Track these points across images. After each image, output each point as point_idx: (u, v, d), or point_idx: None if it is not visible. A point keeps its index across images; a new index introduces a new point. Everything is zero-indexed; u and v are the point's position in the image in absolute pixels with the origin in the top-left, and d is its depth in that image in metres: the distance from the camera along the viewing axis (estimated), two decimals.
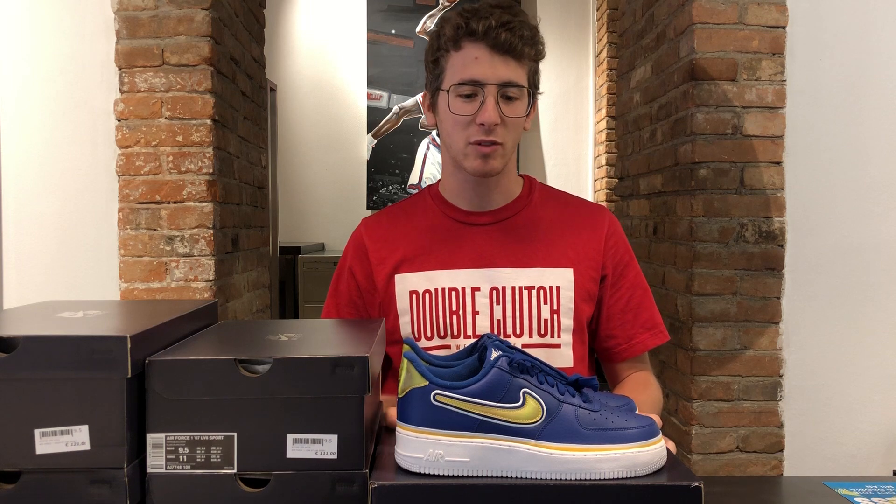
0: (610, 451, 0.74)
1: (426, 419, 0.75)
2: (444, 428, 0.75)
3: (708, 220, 2.07)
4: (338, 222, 5.51)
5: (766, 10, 2.05)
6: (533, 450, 0.74)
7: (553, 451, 0.74)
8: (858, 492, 1.04)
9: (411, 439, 0.76)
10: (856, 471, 2.09)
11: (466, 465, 0.74)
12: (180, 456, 0.78)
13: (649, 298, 1.24)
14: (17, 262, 2.22)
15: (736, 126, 2.06)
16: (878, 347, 2.11)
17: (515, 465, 0.74)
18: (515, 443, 0.74)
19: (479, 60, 1.08)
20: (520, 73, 1.09)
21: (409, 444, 0.76)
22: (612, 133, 4.68)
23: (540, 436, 0.74)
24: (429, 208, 1.22)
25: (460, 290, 1.13)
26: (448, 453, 0.74)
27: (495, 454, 0.74)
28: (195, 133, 2.14)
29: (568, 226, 1.19)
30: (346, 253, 1.25)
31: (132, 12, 2.14)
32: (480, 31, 1.08)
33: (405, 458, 0.77)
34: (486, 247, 1.15)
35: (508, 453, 0.74)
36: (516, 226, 1.17)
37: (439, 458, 0.74)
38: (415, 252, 1.17)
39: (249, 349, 0.83)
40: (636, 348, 1.21)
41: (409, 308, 1.15)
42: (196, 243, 2.15)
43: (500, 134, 1.08)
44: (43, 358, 0.76)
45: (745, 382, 2.08)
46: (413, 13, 5.46)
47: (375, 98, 5.46)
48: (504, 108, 1.08)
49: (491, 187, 1.17)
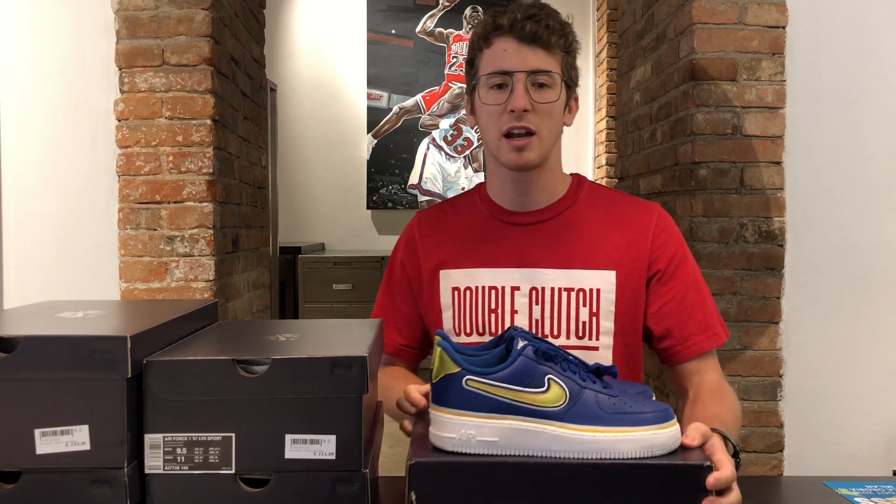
0: (628, 433, 0.78)
1: (459, 402, 0.80)
2: (475, 410, 0.79)
3: (708, 220, 2.07)
4: (338, 222, 5.51)
5: (766, 10, 2.05)
6: (557, 431, 0.79)
7: (575, 433, 0.78)
8: (858, 492, 1.04)
9: (445, 420, 0.81)
10: (856, 471, 2.09)
11: (496, 445, 0.79)
12: (178, 456, 0.78)
13: (704, 297, 1.19)
14: (17, 262, 2.22)
15: (736, 126, 2.06)
16: (878, 347, 2.11)
17: (541, 445, 0.79)
18: (541, 424, 0.79)
19: (507, 52, 1.10)
20: (550, 61, 1.10)
21: (443, 425, 0.81)
22: (612, 133, 4.68)
23: (563, 418, 0.79)
24: (475, 206, 1.24)
25: (500, 289, 1.14)
26: (479, 434, 0.79)
27: (522, 435, 0.79)
28: (195, 133, 2.14)
29: (613, 226, 1.17)
30: (399, 246, 1.27)
31: (132, 12, 2.14)
32: (507, 24, 1.10)
33: (440, 437, 0.81)
34: (527, 247, 1.16)
35: (535, 434, 0.79)
36: (559, 226, 1.17)
37: (471, 437, 0.79)
38: (459, 249, 1.19)
39: (247, 349, 0.83)
40: (692, 350, 1.16)
41: (451, 304, 1.18)
42: (196, 243, 2.15)
43: (532, 121, 1.09)
44: (43, 358, 0.76)
45: (745, 382, 2.08)
46: (413, 13, 5.45)
47: (375, 98, 5.46)
48: (534, 95, 1.09)
49: (531, 185, 1.17)
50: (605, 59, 4.77)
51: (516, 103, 1.07)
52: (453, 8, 5.45)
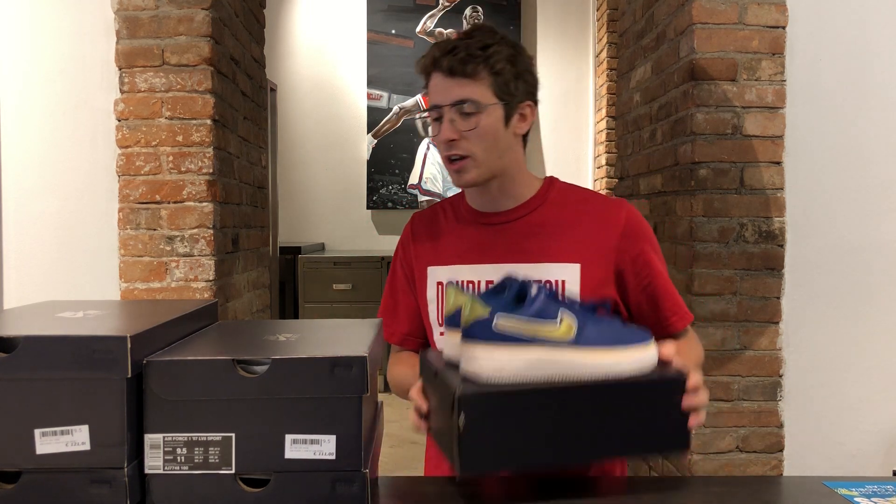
0: (626, 352, 0.96)
1: (491, 337, 0.93)
2: (505, 342, 0.93)
3: (708, 220, 2.07)
4: (338, 222, 5.51)
5: (766, 10, 2.05)
6: (569, 357, 0.94)
7: (585, 359, 0.95)
8: (858, 492, 1.04)
9: (481, 354, 0.93)
10: (856, 471, 2.09)
11: (522, 373, 0.93)
12: (178, 456, 0.78)
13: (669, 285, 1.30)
14: (17, 262, 2.22)
15: (736, 126, 2.06)
16: (878, 347, 2.11)
17: (558, 371, 0.94)
18: (557, 354, 0.94)
19: (436, 87, 1.21)
20: (474, 88, 1.18)
21: (480, 361, 0.93)
22: (612, 133, 4.68)
23: (573, 346, 0.95)
24: (458, 207, 1.34)
25: (476, 283, 1.24)
26: (510, 363, 0.93)
27: (543, 364, 0.94)
28: (195, 133, 2.14)
29: (580, 222, 1.24)
30: (398, 247, 1.39)
31: (132, 12, 2.14)
32: (432, 63, 1.21)
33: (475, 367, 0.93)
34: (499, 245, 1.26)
35: (553, 363, 0.94)
36: (527, 225, 1.25)
37: (503, 366, 0.93)
38: (444, 248, 1.30)
39: (247, 350, 0.83)
40: (669, 329, 1.27)
41: (435, 297, 1.28)
42: (196, 243, 2.15)
43: (462, 147, 1.19)
44: (43, 358, 0.76)
45: (745, 382, 2.08)
46: (413, 13, 5.46)
47: (375, 98, 5.46)
48: (461, 124, 1.19)
49: (493, 193, 1.27)
50: (605, 59, 4.77)
51: (443, 136, 1.20)
52: (453, 8, 5.45)
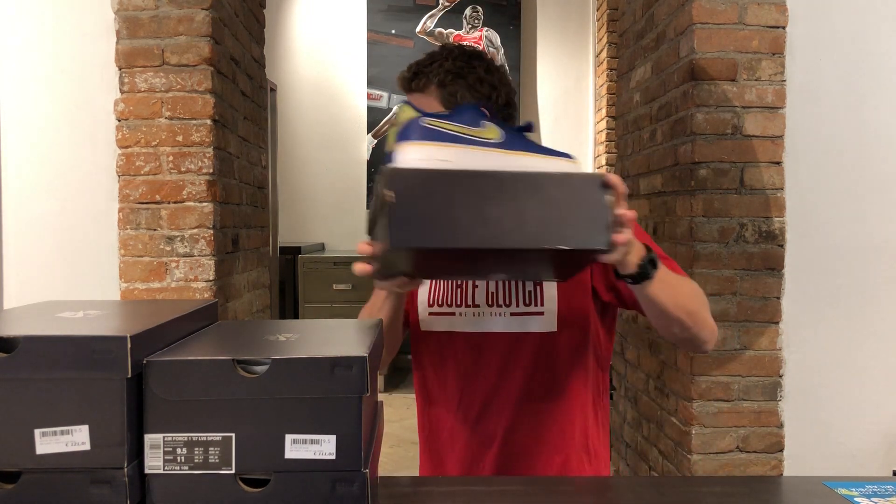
0: (549, 159, 1.02)
1: (420, 136, 0.98)
2: (433, 139, 0.98)
3: (708, 220, 2.07)
4: (338, 222, 5.51)
5: (766, 10, 2.05)
6: (495, 154, 0.99)
7: (509, 157, 0.99)
8: (858, 492, 1.04)
9: (409, 148, 0.97)
10: (856, 471, 2.09)
11: (451, 164, 0.97)
12: (178, 456, 0.78)
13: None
14: (17, 262, 2.22)
15: (736, 126, 2.06)
16: (878, 347, 2.11)
17: (485, 164, 0.98)
18: (486, 150, 0.99)
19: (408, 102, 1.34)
20: (425, 101, 1.27)
21: (409, 153, 0.97)
22: (612, 133, 4.68)
23: (499, 147, 1.00)
24: None
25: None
26: (437, 154, 0.97)
27: (471, 157, 0.98)
28: (195, 133, 2.14)
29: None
30: None
31: (132, 12, 2.14)
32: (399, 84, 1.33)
33: (405, 160, 0.96)
34: None
35: (482, 156, 0.98)
36: None
37: (431, 156, 0.97)
38: None
39: (247, 349, 0.83)
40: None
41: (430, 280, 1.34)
42: (196, 243, 2.15)
43: None
44: (43, 358, 0.76)
45: (745, 382, 2.08)
46: (413, 13, 5.46)
47: (375, 98, 5.46)
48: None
49: None
50: (605, 59, 4.77)
51: None
52: (453, 8, 5.45)
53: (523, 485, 1.12)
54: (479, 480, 1.21)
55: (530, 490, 1.07)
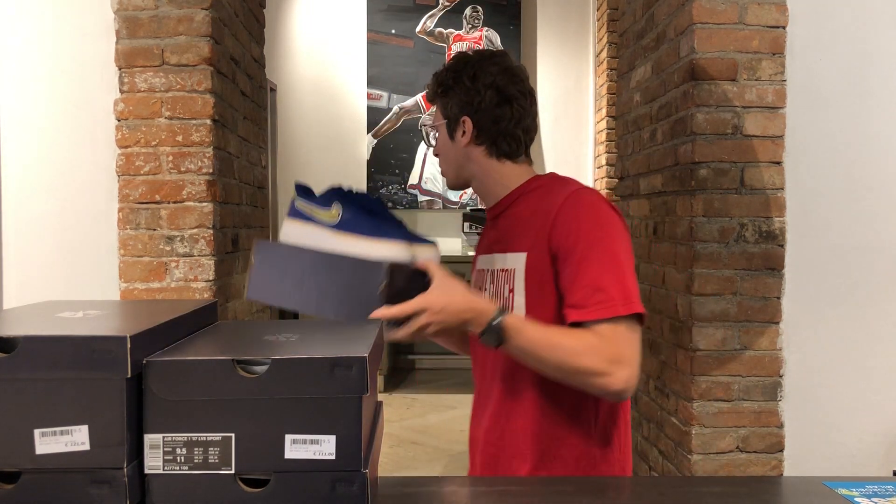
0: (373, 242, 1.18)
1: (292, 213, 1.24)
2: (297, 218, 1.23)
3: (708, 220, 2.07)
4: None
5: (766, 10, 2.05)
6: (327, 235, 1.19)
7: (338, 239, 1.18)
8: (858, 492, 1.04)
9: (286, 222, 1.24)
10: (856, 471, 2.09)
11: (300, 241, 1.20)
12: (178, 457, 0.78)
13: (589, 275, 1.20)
14: (17, 262, 2.22)
15: (736, 126, 2.06)
16: (878, 347, 2.11)
17: (317, 243, 1.19)
18: (320, 230, 1.20)
19: None
20: (436, 111, 1.42)
21: (284, 226, 1.24)
22: (612, 133, 4.68)
23: (333, 229, 1.20)
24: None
25: (479, 271, 1.44)
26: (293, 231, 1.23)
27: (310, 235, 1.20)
28: (195, 133, 2.14)
29: (534, 213, 1.32)
30: None
31: (132, 12, 2.14)
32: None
33: (282, 231, 1.24)
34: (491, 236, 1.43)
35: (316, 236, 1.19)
36: (505, 218, 1.39)
37: (290, 233, 1.23)
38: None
39: (247, 350, 0.83)
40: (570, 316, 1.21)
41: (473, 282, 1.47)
42: (196, 243, 2.15)
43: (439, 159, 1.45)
44: (43, 358, 0.76)
45: (745, 382, 2.08)
46: (413, 13, 5.46)
47: (375, 98, 5.46)
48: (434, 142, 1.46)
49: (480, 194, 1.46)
50: (605, 59, 4.77)
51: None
52: (453, 8, 5.45)
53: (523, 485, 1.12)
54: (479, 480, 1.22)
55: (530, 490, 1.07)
